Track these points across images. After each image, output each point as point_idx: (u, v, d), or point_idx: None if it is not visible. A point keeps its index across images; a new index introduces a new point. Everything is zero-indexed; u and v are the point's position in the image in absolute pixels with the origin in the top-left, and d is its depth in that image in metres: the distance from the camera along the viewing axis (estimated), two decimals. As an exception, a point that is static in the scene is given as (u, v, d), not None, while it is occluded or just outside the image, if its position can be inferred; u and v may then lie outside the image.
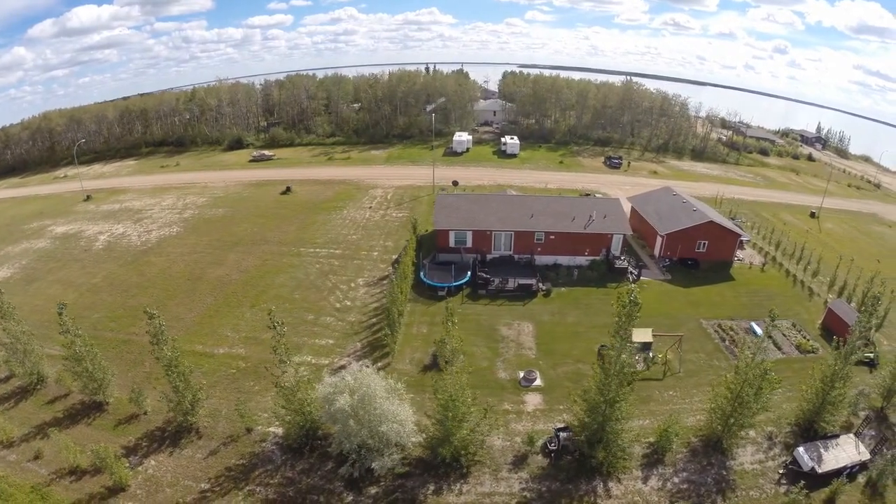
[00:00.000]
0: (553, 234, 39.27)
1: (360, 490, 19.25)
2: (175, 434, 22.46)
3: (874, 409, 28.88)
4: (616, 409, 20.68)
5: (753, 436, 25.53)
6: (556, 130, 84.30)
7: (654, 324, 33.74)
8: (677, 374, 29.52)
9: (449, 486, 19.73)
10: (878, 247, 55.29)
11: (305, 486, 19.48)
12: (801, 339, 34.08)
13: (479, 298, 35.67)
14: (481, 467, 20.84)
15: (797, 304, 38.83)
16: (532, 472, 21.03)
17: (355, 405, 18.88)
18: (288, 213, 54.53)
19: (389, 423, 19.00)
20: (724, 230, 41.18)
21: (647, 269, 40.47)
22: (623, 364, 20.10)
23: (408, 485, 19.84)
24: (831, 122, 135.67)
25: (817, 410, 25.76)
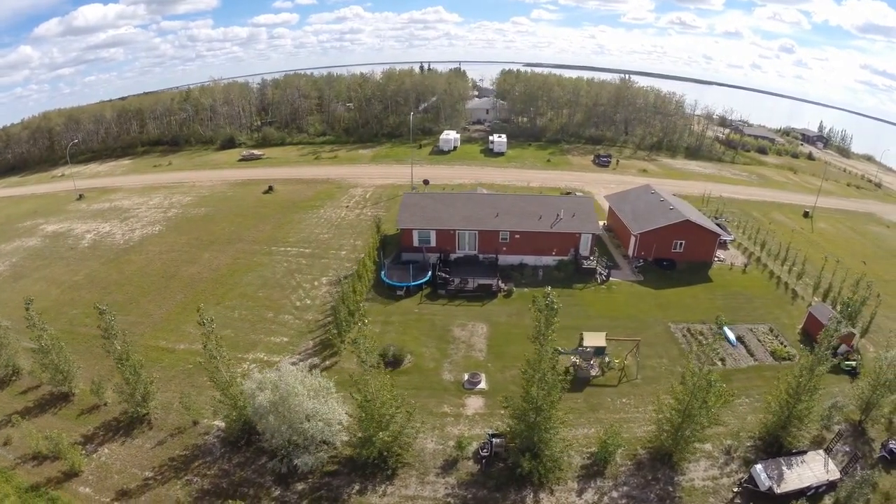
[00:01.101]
0: (518, 233, 37.39)
1: (287, 485, 19.26)
2: (128, 424, 22.99)
3: (851, 423, 26.38)
4: (543, 417, 19.15)
5: (709, 449, 23.37)
6: (548, 129, 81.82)
7: (619, 326, 31.76)
8: (634, 380, 27.49)
9: (374, 487, 19.41)
10: (874, 247, 52.17)
11: (238, 479, 19.76)
12: (778, 345, 31.58)
13: (439, 298, 34.41)
14: (409, 470, 20.20)
15: (778, 307, 36.22)
16: (460, 478, 20.18)
17: (276, 402, 18.92)
18: (267, 212, 53.92)
19: (314, 420, 18.98)
20: (702, 230, 38.65)
21: (619, 270, 38.17)
22: (545, 372, 18.44)
23: (334, 483, 19.61)
24: (837, 122, 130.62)
25: (783, 424, 23.36)
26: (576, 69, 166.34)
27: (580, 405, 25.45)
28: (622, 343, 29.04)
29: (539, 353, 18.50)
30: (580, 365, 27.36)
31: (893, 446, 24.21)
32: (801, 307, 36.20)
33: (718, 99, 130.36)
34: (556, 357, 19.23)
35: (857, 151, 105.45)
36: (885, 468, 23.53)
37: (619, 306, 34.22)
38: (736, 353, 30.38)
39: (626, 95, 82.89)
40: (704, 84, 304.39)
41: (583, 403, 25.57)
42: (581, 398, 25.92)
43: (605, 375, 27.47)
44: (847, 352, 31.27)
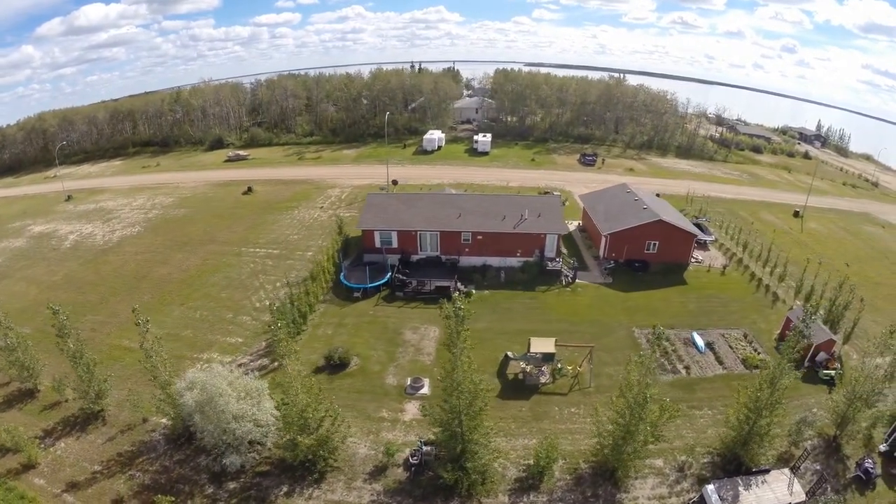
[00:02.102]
0: (481, 234, 35.43)
1: (220, 484, 19.23)
2: (84, 420, 23.23)
3: (825, 438, 23.87)
4: (468, 427, 17.75)
5: (660, 465, 21.19)
6: (535, 128, 79.35)
7: (578, 331, 29.58)
8: (587, 388, 25.37)
9: (301, 490, 19.00)
10: (867, 248, 49.18)
11: (176, 476, 19.88)
12: (751, 352, 29.09)
13: (396, 300, 32.78)
14: (338, 474, 19.66)
15: (755, 311, 33.65)
16: (387, 486, 19.33)
17: (202, 402, 18.97)
18: (243, 212, 52.86)
19: (243, 421, 18.86)
20: (676, 230, 36.16)
21: (588, 272, 35.80)
22: (458, 382, 16.98)
23: (264, 483, 19.36)
24: (839, 122, 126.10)
25: (743, 441, 20.94)
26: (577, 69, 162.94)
27: (524, 413, 23.71)
28: (580, 349, 26.76)
29: (452, 362, 17.07)
30: (530, 371, 25.47)
31: (869, 466, 21.69)
32: (781, 311, 33.63)
33: (720, 99, 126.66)
34: (471, 365, 17.50)
35: (856, 150, 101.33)
36: (858, 490, 21.13)
37: (582, 310, 31.95)
38: (703, 361, 27.95)
39: (615, 94, 80.00)
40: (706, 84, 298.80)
41: (528, 412, 23.84)
42: (527, 406, 24.17)
43: (555, 383, 25.44)
44: (827, 360, 28.67)
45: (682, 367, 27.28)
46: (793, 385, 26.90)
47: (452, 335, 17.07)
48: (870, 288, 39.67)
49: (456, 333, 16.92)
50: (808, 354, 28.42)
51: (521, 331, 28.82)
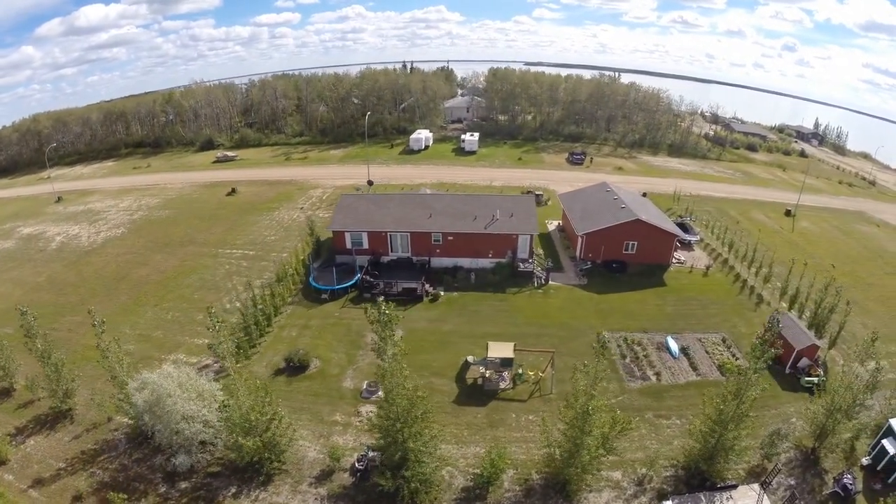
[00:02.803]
0: (451, 234, 33.95)
1: (173, 483, 19.21)
2: (54, 419, 23.31)
3: (803, 450, 22.04)
4: (409, 433, 16.77)
5: (618, 478, 19.61)
6: (525, 126, 77.50)
7: (546, 335, 28.02)
8: (548, 395, 23.74)
9: (248, 492, 18.78)
10: (860, 248, 47.00)
11: (133, 474, 19.91)
12: (728, 357, 27.19)
13: (363, 302, 31.39)
14: (285, 477, 19.28)
15: (737, 314, 31.76)
16: (332, 490, 18.79)
17: (151, 402, 19.11)
18: (225, 214, 51.87)
19: (192, 422, 18.88)
20: (656, 230, 34.32)
21: (562, 273, 34.05)
22: (392, 387, 16.16)
23: (214, 484, 19.20)
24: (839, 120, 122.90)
25: (709, 454, 19.17)
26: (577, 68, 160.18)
27: (479, 420, 22.39)
28: (543, 354, 25.14)
29: (382, 369, 16.30)
30: (489, 377, 24.10)
31: (848, 481, 19.87)
32: (765, 314, 31.75)
33: (720, 98, 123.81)
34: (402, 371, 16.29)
35: (854, 149, 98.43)
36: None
37: (553, 312, 30.28)
38: (676, 367, 26.17)
39: (606, 92, 77.91)
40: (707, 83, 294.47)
41: (483, 418, 22.50)
42: (483, 412, 22.80)
43: (515, 389, 23.96)
44: (809, 366, 26.75)
45: (653, 373, 25.54)
46: (771, 393, 25.53)
47: (380, 342, 16.01)
48: (861, 289, 37.79)
49: (383, 340, 15.84)
50: (790, 360, 26.64)
51: (486, 334, 27.54)
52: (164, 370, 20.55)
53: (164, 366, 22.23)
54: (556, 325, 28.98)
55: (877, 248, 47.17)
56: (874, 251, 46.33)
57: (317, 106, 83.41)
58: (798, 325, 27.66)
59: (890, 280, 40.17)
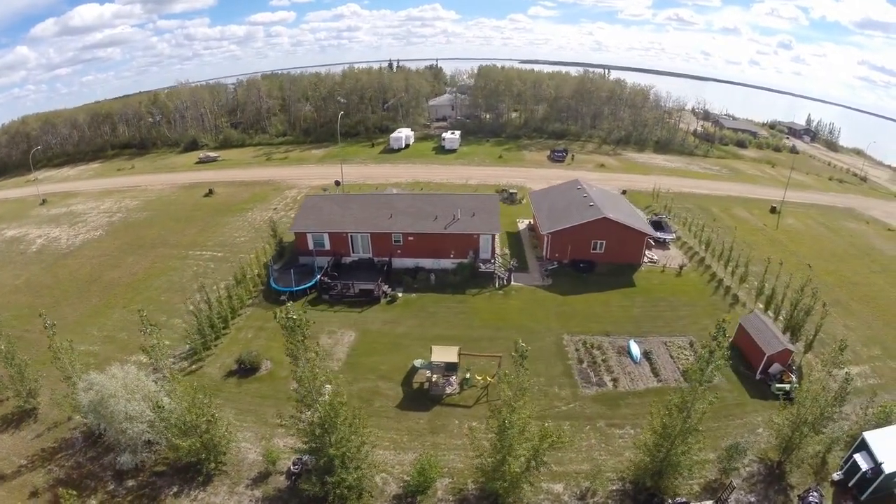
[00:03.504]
0: (412, 235, 32.42)
1: (121, 481, 19.28)
2: (20, 418, 23.34)
3: (769, 463, 20.10)
4: (335, 438, 16.09)
5: (559, 491, 18.13)
6: (509, 124, 75.44)
7: (501, 338, 26.41)
8: (496, 401, 21.83)
9: (189, 491, 18.70)
10: (847, 245, 44.86)
11: (86, 472, 19.93)
12: (694, 362, 24.98)
13: (321, 304, 30.49)
14: (224, 478, 19.15)
15: (708, 315, 29.72)
16: (267, 493, 18.46)
17: (96, 402, 19.14)
18: (200, 215, 50.62)
19: (135, 422, 18.81)
20: (624, 228, 32.35)
21: (527, 273, 32.14)
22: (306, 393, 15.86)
23: (158, 483, 19.16)
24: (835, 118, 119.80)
25: (658, 469, 17.29)
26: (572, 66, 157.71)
27: (421, 426, 21.26)
28: (496, 359, 23.39)
29: (295, 375, 15.90)
30: (436, 381, 22.78)
31: (814, 499, 17.91)
32: (739, 316, 29.57)
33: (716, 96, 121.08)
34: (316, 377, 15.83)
35: (846, 145, 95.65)
36: (797, 530, 17.44)
37: (512, 314, 28.47)
38: (636, 372, 24.25)
39: (589, 88, 75.67)
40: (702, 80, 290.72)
41: (425, 424, 21.28)
42: (425, 418, 21.57)
43: (461, 394, 22.51)
44: (782, 372, 24.70)
45: (610, 379, 23.64)
46: (738, 400, 23.49)
47: (290, 347, 15.33)
48: (846, 289, 35.73)
49: (293, 345, 15.23)
50: (761, 366, 24.64)
51: (440, 336, 26.25)
52: (111, 371, 20.35)
53: (112, 367, 21.49)
54: (513, 328, 27.16)
55: (864, 246, 45.05)
56: (861, 249, 44.22)
57: (302, 106, 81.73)
58: (770, 328, 25.61)
59: (876, 279, 38.08)
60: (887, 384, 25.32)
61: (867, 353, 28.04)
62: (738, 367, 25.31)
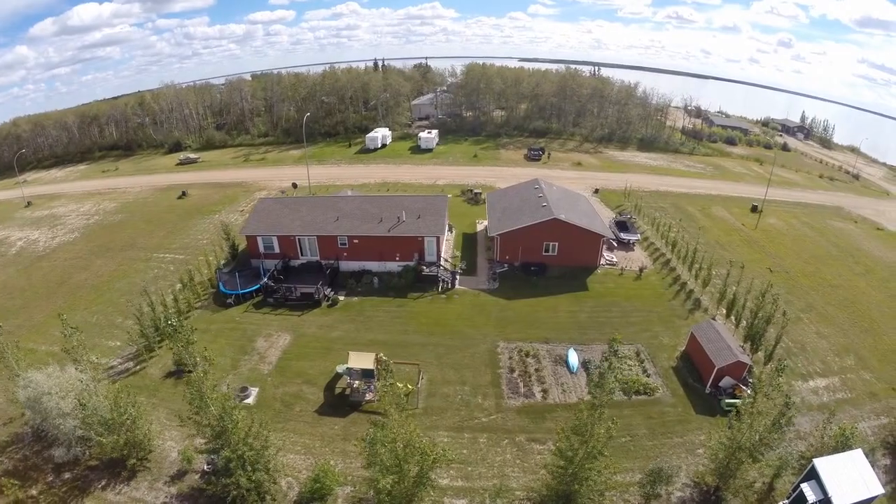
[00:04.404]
0: (357, 238, 31.18)
1: (59, 474, 19.65)
2: None
3: (704, 488, 18.08)
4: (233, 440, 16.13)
5: None
6: (490, 122, 73.30)
7: (435, 343, 25.12)
8: (415, 410, 20.96)
9: (114, 486, 19.08)
10: (830, 246, 42.34)
11: (31, 464, 20.27)
12: (638, 373, 23.10)
13: (265, 307, 29.88)
14: (147, 474, 19.50)
15: (662, 322, 27.67)
16: (181, 490, 18.67)
17: (32, 399, 19.66)
18: (170, 217, 49.79)
19: (68, 419, 19.34)
20: (578, 230, 30.33)
21: (474, 277, 30.23)
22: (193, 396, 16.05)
23: (90, 476, 19.51)
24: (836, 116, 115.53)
25: (565, 494, 15.42)
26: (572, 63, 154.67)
27: (335, 432, 20.45)
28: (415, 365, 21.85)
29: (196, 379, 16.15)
30: (357, 387, 21.85)
31: (749, 532, 15.74)
32: (698, 322, 27.50)
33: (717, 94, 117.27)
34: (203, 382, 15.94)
35: (842, 142, 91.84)
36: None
37: (450, 320, 26.86)
38: (571, 383, 22.34)
39: (570, 85, 73.19)
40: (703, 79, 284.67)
41: (339, 430, 20.53)
42: (340, 424, 20.83)
43: (380, 401, 20.64)
44: (734, 386, 22.51)
45: (540, 390, 21.77)
46: (681, 417, 21.36)
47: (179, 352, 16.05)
48: (823, 292, 33.28)
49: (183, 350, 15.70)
50: (711, 379, 22.49)
51: (373, 342, 25.14)
52: (49, 370, 20.64)
53: (49, 366, 21.68)
54: (448, 334, 25.55)
55: (849, 247, 42.43)
56: (845, 249, 41.62)
57: (286, 106, 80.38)
58: (723, 338, 23.37)
59: (858, 281, 35.56)
60: (857, 399, 23.21)
61: (839, 364, 25.78)
62: (688, 379, 23.31)
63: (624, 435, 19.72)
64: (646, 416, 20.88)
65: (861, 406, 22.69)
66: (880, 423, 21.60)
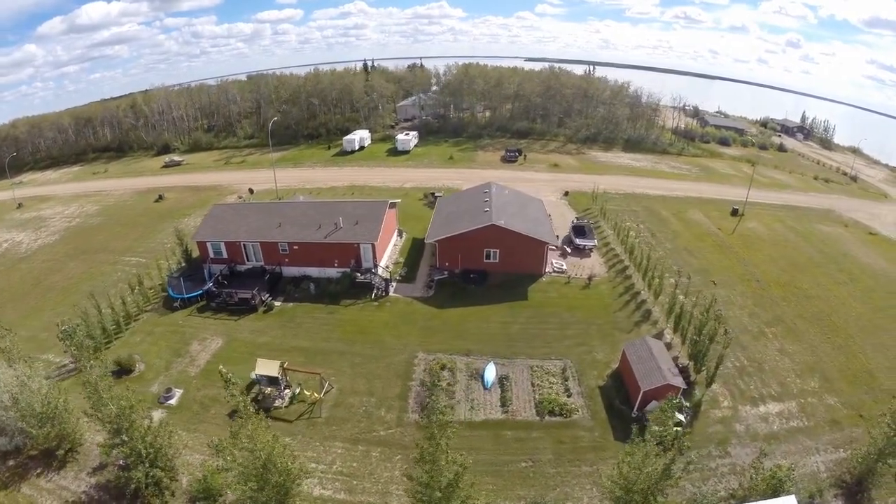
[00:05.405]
0: (297, 244, 31.02)
1: (4, 461, 20.25)
2: None
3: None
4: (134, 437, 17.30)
5: None
6: (472, 123, 71.88)
7: (354, 352, 24.61)
8: (317, 418, 20.85)
9: (47, 474, 19.98)
10: (814, 251, 39.93)
11: None
12: (559, 392, 21.63)
13: (208, 311, 30.12)
14: (74, 465, 20.36)
15: (602, 336, 26.13)
16: (99, 481, 19.32)
17: None
18: (144, 220, 50.16)
19: (10, 411, 19.89)
20: (519, 237, 29.04)
21: (411, 284, 29.15)
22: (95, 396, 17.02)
23: (30, 465, 20.34)
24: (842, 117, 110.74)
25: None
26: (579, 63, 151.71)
27: None
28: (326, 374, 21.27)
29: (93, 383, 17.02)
30: (269, 393, 21.93)
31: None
32: (643, 335, 25.82)
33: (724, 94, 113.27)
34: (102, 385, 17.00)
35: (842, 143, 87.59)
36: None
37: (375, 328, 26.26)
38: (482, 400, 21.19)
39: (554, 85, 71.22)
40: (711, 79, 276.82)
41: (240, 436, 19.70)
42: None
43: (288, 408, 21.54)
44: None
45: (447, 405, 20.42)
46: (596, 444, 19.67)
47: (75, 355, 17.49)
48: (795, 304, 30.94)
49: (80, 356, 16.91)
50: (637, 402, 20.82)
51: (296, 348, 25.26)
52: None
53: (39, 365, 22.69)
54: (370, 343, 24.92)
55: (834, 252, 39.83)
56: (830, 256, 39.04)
57: (274, 108, 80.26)
58: (654, 357, 21.44)
59: (839, 291, 32.80)
60: (814, 428, 20.77)
61: (799, 386, 23.28)
62: (615, 401, 21.59)
63: (525, 459, 18.43)
64: (556, 439, 19.49)
65: (818, 436, 20.24)
66: (837, 457, 19.26)
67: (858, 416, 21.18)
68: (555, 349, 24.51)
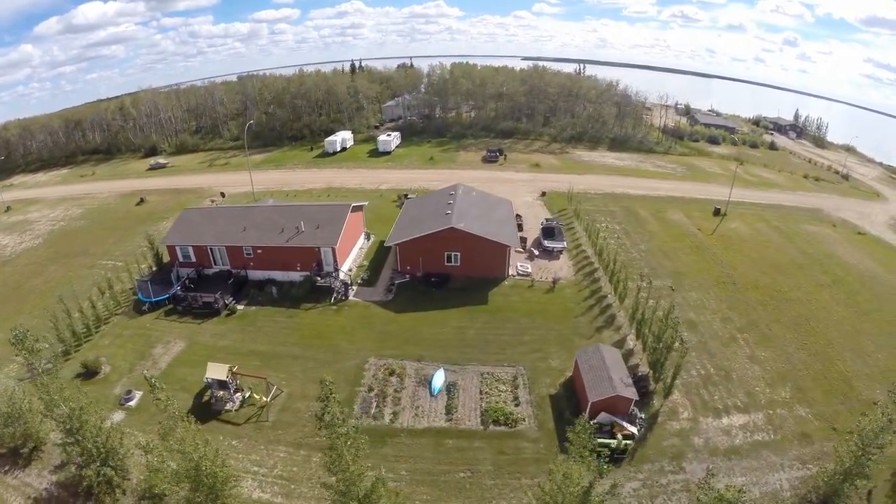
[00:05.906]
0: (260, 248, 31.04)
1: None
2: None
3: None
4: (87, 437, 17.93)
5: None
6: (456, 123, 71.50)
7: (306, 356, 24.59)
8: (264, 422, 20.94)
9: (13, 471, 20.49)
10: (797, 252, 39.18)
11: None
12: (507, 400, 21.22)
13: (174, 314, 30.26)
14: (39, 463, 20.82)
15: (560, 342, 25.67)
16: (59, 479, 19.78)
17: None
18: (125, 224, 50.09)
19: None
20: (479, 240, 28.63)
21: (372, 288, 28.87)
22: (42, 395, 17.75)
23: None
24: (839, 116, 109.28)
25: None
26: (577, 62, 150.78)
27: None
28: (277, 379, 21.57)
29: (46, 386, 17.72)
30: (221, 396, 22.07)
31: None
32: (604, 342, 25.39)
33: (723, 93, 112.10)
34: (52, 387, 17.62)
35: (835, 141, 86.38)
36: None
37: (331, 332, 26.28)
38: (426, 407, 20.96)
39: (538, 84, 70.66)
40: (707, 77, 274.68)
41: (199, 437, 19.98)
42: None
43: (238, 412, 21.65)
44: (612, 424, 19.88)
45: (391, 412, 20.51)
46: (540, 455, 19.07)
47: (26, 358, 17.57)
48: (773, 307, 30.07)
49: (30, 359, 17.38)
50: (586, 414, 20.16)
51: (253, 352, 25.30)
52: None
53: None
54: (324, 347, 24.97)
55: (819, 254, 38.91)
56: (814, 257, 38.13)
57: (262, 109, 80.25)
58: (606, 366, 20.63)
59: (821, 294, 31.75)
60: (781, 442, 19.66)
61: (768, 396, 22.21)
62: (565, 411, 20.94)
63: (464, 469, 18.08)
64: (497, 450, 19.07)
65: (784, 451, 19.10)
66: (804, 474, 18.07)
67: (831, 429, 20.09)
68: (508, 356, 24.13)
